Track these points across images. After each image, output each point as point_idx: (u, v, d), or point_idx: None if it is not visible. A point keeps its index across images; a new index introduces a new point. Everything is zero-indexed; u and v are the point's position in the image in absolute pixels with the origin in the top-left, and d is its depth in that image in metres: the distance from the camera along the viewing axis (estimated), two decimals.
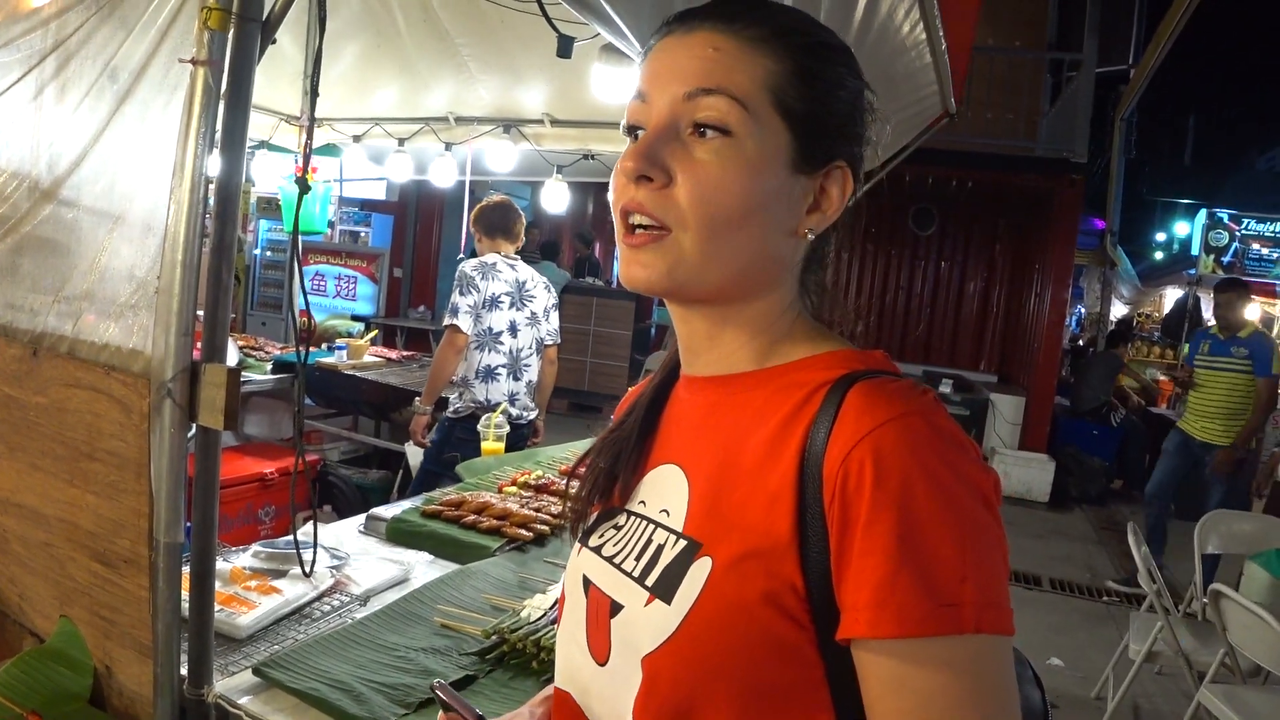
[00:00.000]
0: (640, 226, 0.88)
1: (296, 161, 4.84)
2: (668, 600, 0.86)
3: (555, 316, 4.57)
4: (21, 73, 2.16)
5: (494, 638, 1.97)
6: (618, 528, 1.00)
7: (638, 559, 0.93)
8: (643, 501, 0.99)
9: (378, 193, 9.42)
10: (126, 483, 1.69)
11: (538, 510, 2.75)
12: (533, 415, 4.48)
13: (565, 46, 2.84)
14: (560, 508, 2.78)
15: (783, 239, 0.92)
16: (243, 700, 1.74)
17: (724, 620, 0.83)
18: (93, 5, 1.87)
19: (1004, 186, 10.06)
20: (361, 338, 5.80)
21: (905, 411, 0.81)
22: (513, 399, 4.38)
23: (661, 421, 1.04)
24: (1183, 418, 6.41)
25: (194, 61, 1.55)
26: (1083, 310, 18.30)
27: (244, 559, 2.30)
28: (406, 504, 2.84)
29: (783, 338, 0.95)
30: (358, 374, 5.11)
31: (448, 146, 5.42)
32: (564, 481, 2.91)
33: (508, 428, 3.73)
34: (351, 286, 7.89)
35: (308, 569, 2.11)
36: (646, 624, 0.87)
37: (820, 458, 0.82)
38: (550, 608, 2.07)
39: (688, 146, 0.87)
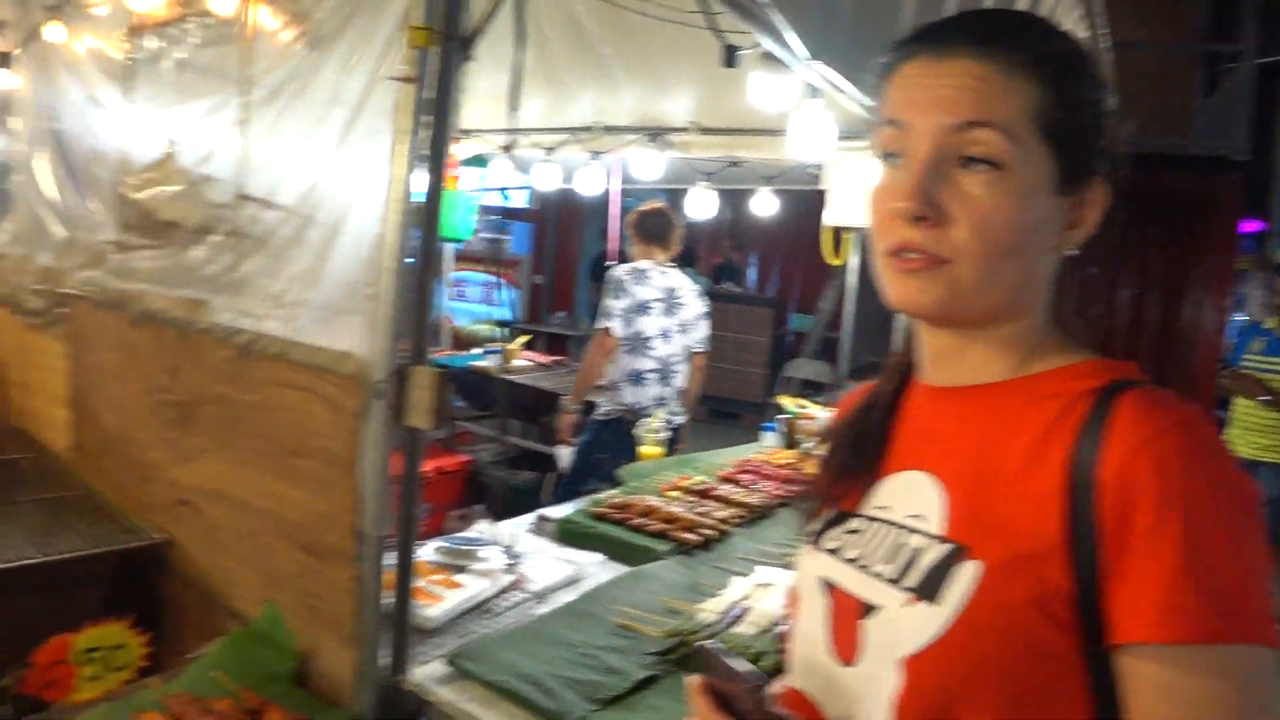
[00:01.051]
0: (914, 253, 0.89)
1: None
2: (933, 600, 0.87)
3: (704, 325, 4.57)
4: (224, 98, 2.32)
5: (673, 639, 2.00)
6: (854, 532, 1.01)
7: (889, 562, 0.94)
8: (883, 507, 1.00)
9: (518, 200, 9.66)
10: (335, 479, 1.79)
11: (702, 515, 2.77)
12: (680, 420, 4.51)
13: (731, 56, 2.85)
14: (725, 513, 2.81)
15: (1046, 258, 0.94)
16: (437, 689, 1.82)
17: (993, 622, 0.84)
18: (308, 37, 2.00)
19: (1156, 187, 9.54)
20: (511, 342, 5.95)
21: (1180, 420, 0.82)
22: (661, 404, 4.40)
23: (897, 430, 1.04)
24: (1229, 433, 5.31)
25: (403, 79, 1.63)
26: (1244, 318, 17.20)
27: (426, 553, 2.39)
28: (574, 506, 2.91)
29: (1035, 349, 0.95)
30: (509, 377, 5.24)
31: (595, 155, 5.51)
32: (721, 489, 2.99)
33: (668, 433, 3.76)
34: (494, 292, 8.11)
35: (502, 565, 2.19)
36: (908, 625, 0.88)
37: (1091, 465, 0.82)
38: (725, 612, 2.09)
39: (956, 180, 0.88)
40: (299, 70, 2.03)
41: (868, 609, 0.93)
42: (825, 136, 3.01)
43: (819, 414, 4.14)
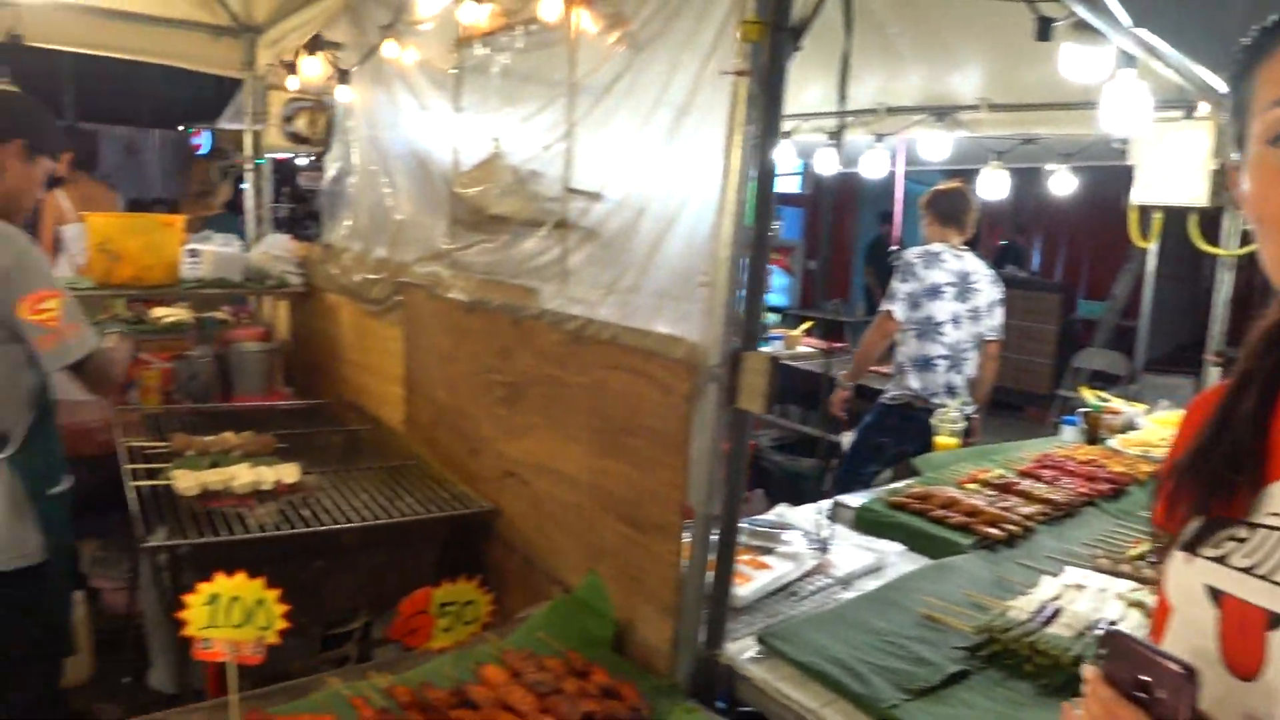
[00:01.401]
0: None
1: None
2: None
3: (1000, 312, 4.36)
4: (549, 100, 2.49)
5: (984, 635, 1.96)
6: (1240, 539, 0.96)
7: None
8: (1275, 514, 0.94)
9: (790, 185, 9.63)
10: (663, 457, 1.89)
11: (1005, 510, 2.69)
12: (969, 410, 4.36)
13: (1045, 28, 2.72)
14: (1029, 509, 2.72)
15: None
16: (749, 666, 1.89)
17: None
18: (631, 40, 2.12)
19: None
20: (791, 328, 5.99)
21: None
22: (951, 391, 4.26)
23: (1274, 432, 0.98)
24: None
25: (736, 73, 1.69)
26: None
27: None
28: (870, 494, 2.92)
29: None
30: (791, 363, 5.29)
31: (879, 138, 5.42)
32: (1023, 484, 2.88)
33: (964, 423, 3.66)
34: (768, 279, 8.23)
35: (824, 548, 2.23)
36: None
37: None
38: (1036, 611, 2.03)
39: None
40: (624, 71, 2.14)
41: (1275, 619, 0.88)
42: (1140, 108, 2.83)
43: (1124, 409, 3.88)
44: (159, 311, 5.03)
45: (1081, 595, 2.11)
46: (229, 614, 1.67)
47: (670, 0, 1.95)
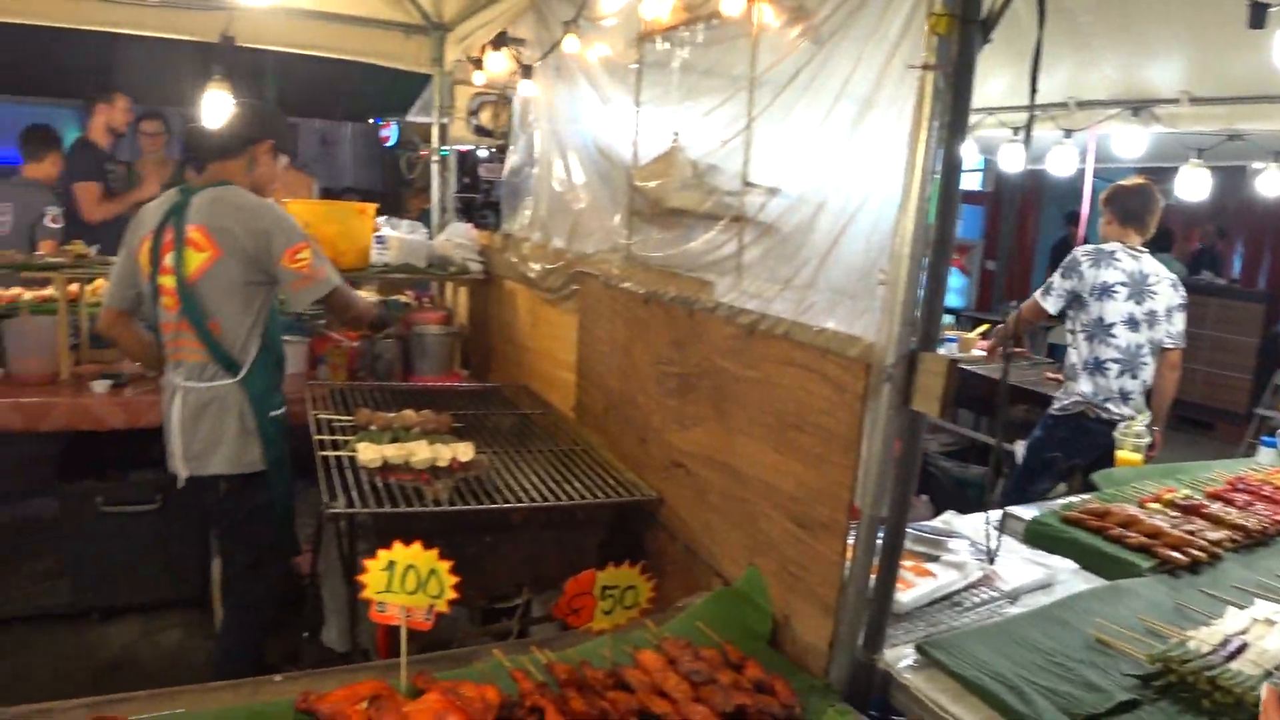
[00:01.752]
0: None
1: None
2: None
3: (1180, 318, 4.08)
4: (728, 94, 2.50)
5: (1159, 665, 1.84)
6: None
7: None
8: None
9: (969, 182, 9.29)
10: (832, 455, 1.86)
11: (1191, 534, 2.52)
12: (1146, 422, 4.10)
13: (1259, 15, 2.53)
14: (1217, 535, 2.54)
15: None
16: (907, 674, 1.84)
17: None
18: (813, 34, 2.10)
19: None
20: (967, 330, 5.79)
21: None
22: (1125, 397, 4.03)
23: None
24: None
25: (924, 67, 1.64)
26: None
27: None
28: (1042, 507, 2.79)
29: None
30: (964, 367, 5.10)
31: (1067, 133, 5.16)
32: (1212, 507, 2.69)
33: (1148, 438, 3.45)
34: None
35: (991, 559, 2.16)
36: None
37: None
38: (1219, 644, 1.89)
39: None
40: (806, 65, 2.13)
41: None
42: None
43: None
44: None
45: (1272, 631, 1.96)
46: (404, 581, 1.75)
47: None
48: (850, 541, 1.84)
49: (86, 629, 4.08)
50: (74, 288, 4.25)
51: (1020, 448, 4.27)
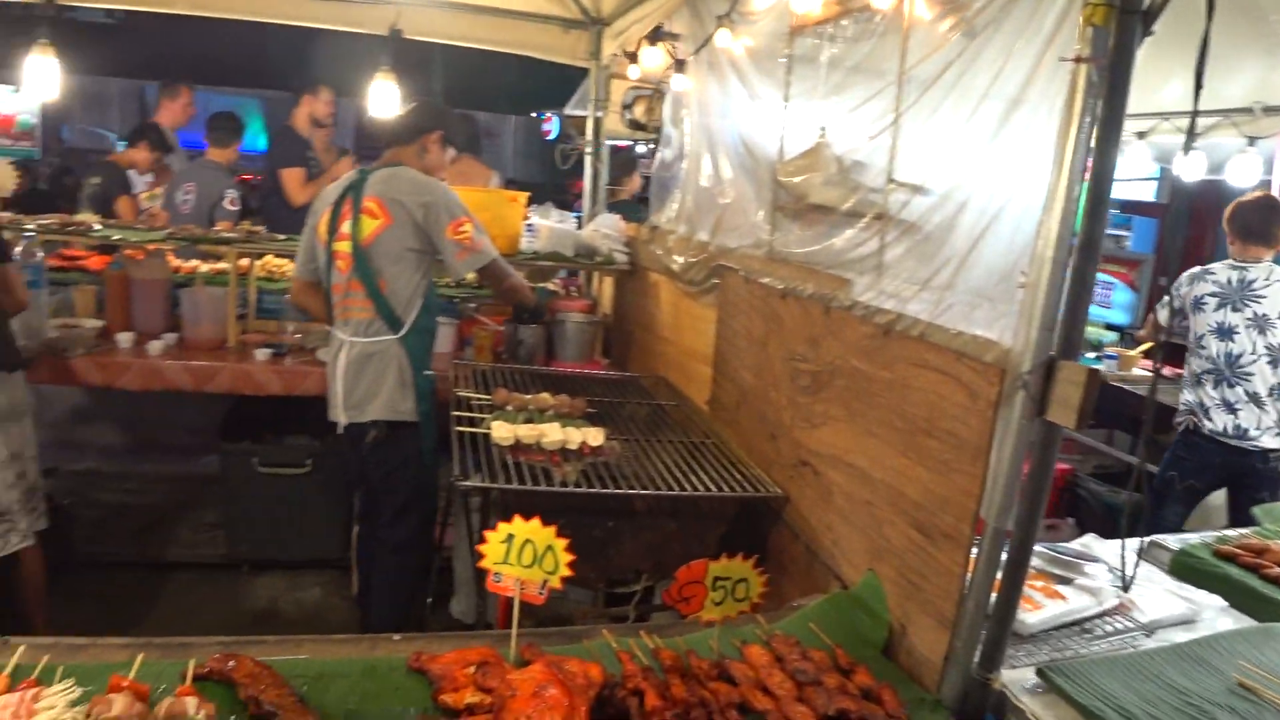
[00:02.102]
0: None
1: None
2: None
3: None
4: (877, 89, 2.44)
5: None
6: None
7: None
8: None
9: (1144, 193, 8.72)
10: (960, 463, 1.80)
11: None
12: (1258, 436, 3.83)
13: None
14: None
15: None
16: (1024, 697, 1.76)
17: None
18: (966, 26, 2.02)
19: None
20: (1129, 348, 5.48)
21: None
22: (1230, 408, 3.86)
23: None
24: None
25: (1076, 59, 1.56)
26: None
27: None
28: (1194, 536, 2.62)
29: None
30: (1124, 386, 4.86)
31: (1251, 141, 4.80)
32: None
33: None
34: (1108, 293, 7.42)
35: (1125, 585, 2.05)
36: None
37: None
38: None
39: None
40: (955, 59, 2.05)
41: None
42: None
43: None
44: None
45: None
46: (520, 554, 1.80)
47: None
48: (973, 554, 1.78)
49: (237, 580, 4.38)
50: (244, 262, 4.55)
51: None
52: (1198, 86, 1.69)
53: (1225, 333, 3.92)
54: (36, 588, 3.35)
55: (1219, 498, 4.06)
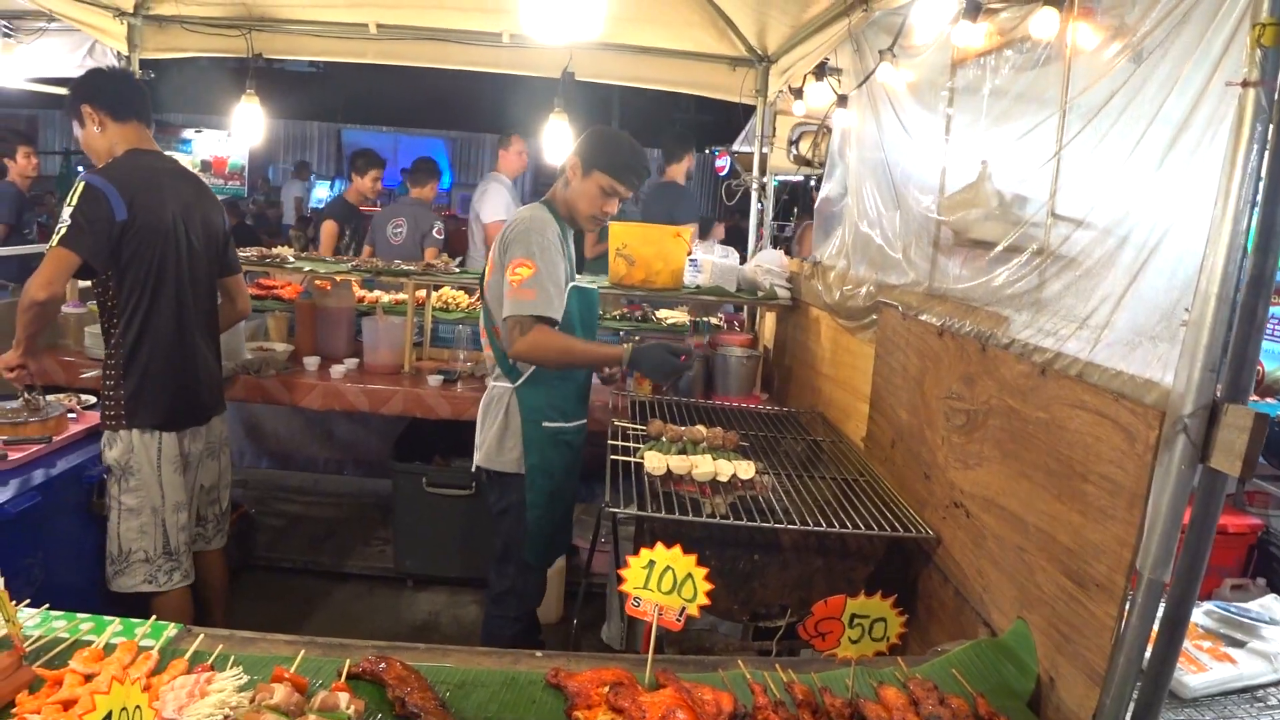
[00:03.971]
0: None
1: None
2: None
3: None
4: (1038, 120, 2.37)
5: None
6: None
7: None
8: None
9: None
10: (1116, 510, 1.71)
11: None
12: None
13: None
14: None
15: None
16: None
17: None
18: (1131, 52, 1.94)
19: None
20: None
21: None
22: None
23: None
24: None
25: (1244, 84, 1.47)
26: None
27: (1195, 614, 2.16)
28: None
29: None
30: None
31: None
32: None
33: None
34: None
35: None
36: None
37: None
38: None
39: None
40: (1120, 87, 1.97)
41: None
42: None
43: None
44: (663, 313, 5.60)
45: None
46: (660, 581, 1.84)
47: (1180, 4, 1.76)
48: (1128, 608, 1.68)
49: (402, 592, 4.62)
50: (421, 294, 4.84)
51: None
52: None
53: None
54: (218, 587, 3.65)
55: None
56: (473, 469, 3.33)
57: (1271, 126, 1.44)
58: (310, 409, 4.47)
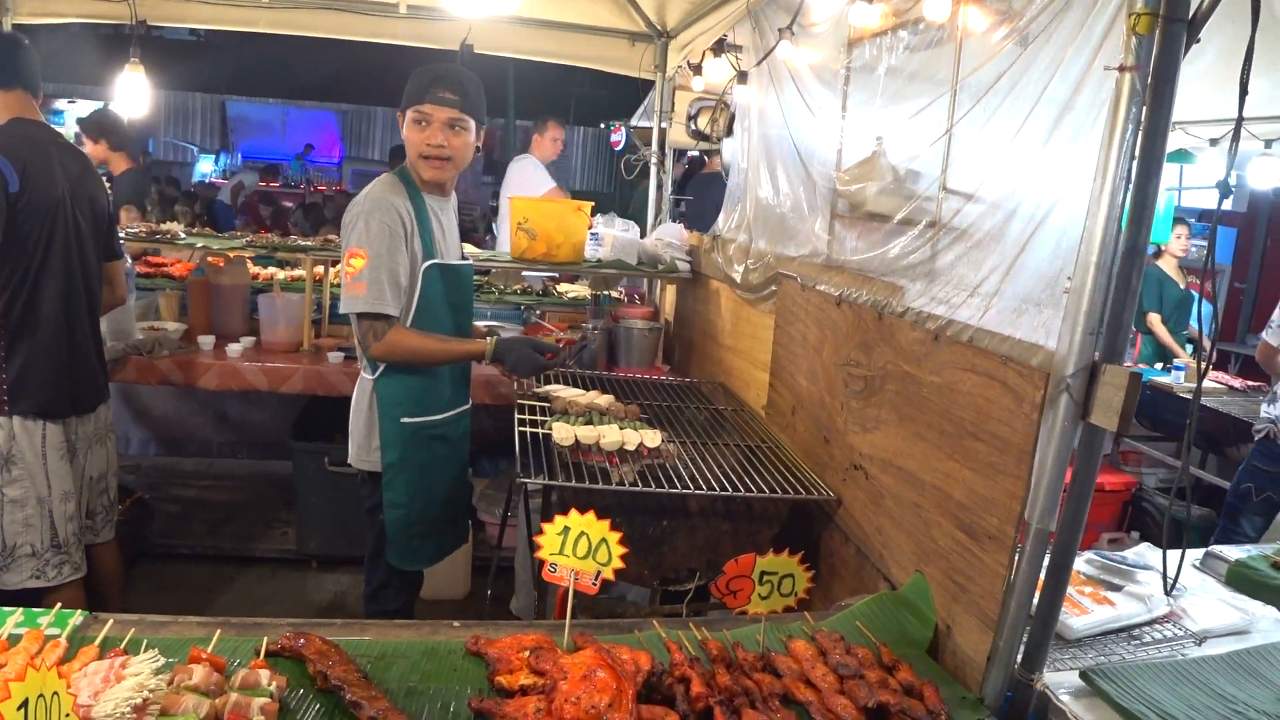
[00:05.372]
0: None
1: None
2: None
3: None
4: (931, 99, 2.48)
5: None
6: None
7: None
8: None
9: (1225, 202, 8.51)
10: (1006, 465, 1.83)
11: None
12: None
13: None
14: None
15: None
16: (1065, 698, 1.78)
17: None
18: (1018, 35, 2.05)
19: None
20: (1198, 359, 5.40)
21: None
22: None
23: None
24: None
25: (1121, 68, 1.58)
26: None
27: (1079, 563, 2.32)
28: (1254, 548, 2.59)
29: None
30: (1188, 398, 4.79)
31: None
32: None
33: None
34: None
35: (1166, 590, 2.05)
36: None
37: None
38: None
39: None
40: (1007, 69, 2.08)
41: None
42: None
43: None
44: (564, 287, 5.62)
45: None
46: (575, 546, 1.88)
47: None
48: (1018, 557, 1.80)
49: (307, 574, 4.55)
50: (320, 269, 4.74)
51: None
52: (1243, 92, 1.71)
53: None
54: (112, 580, 3.51)
55: None
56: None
57: (1145, 108, 1.55)
58: (205, 389, 4.33)
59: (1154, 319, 5.90)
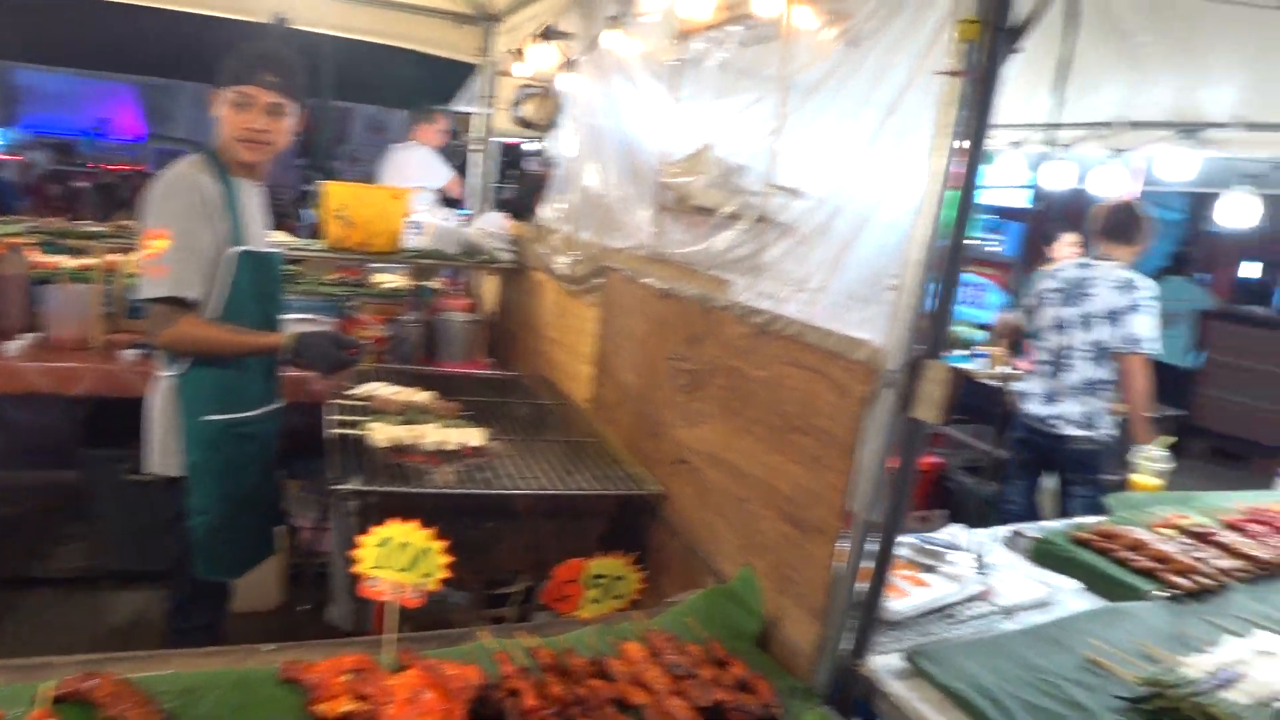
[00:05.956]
0: None
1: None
2: None
3: (1131, 321, 4.01)
4: (761, 95, 2.50)
5: (1149, 689, 1.82)
6: None
7: None
8: None
9: (1019, 200, 9.19)
10: (830, 459, 1.85)
11: (1199, 560, 2.50)
12: (1104, 431, 4.12)
13: None
14: (1227, 563, 2.51)
15: None
16: (891, 682, 1.83)
17: None
18: (848, 36, 2.09)
19: None
20: (998, 347, 5.79)
21: None
22: (1051, 398, 4.21)
23: None
24: None
25: (949, 73, 1.63)
26: None
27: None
28: (1056, 525, 2.78)
29: None
30: (990, 383, 5.15)
31: (1115, 153, 5.11)
32: (1224, 536, 2.63)
33: (1169, 464, 3.37)
34: (980, 294, 7.83)
35: (972, 572, 2.14)
36: None
37: None
38: (1214, 672, 1.87)
39: None
40: (836, 68, 2.12)
41: None
42: None
43: None
44: (379, 277, 5.40)
45: (1269, 663, 1.94)
46: (396, 558, 1.77)
47: None
48: (843, 547, 1.83)
49: (101, 593, 4.14)
50: (113, 258, 4.34)
51: None
52: (1060, 100, 1.78)
53: (1061, 327, 4.23)
54: None
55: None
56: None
57: (969, 112, 1.60)
58: None
59: None
